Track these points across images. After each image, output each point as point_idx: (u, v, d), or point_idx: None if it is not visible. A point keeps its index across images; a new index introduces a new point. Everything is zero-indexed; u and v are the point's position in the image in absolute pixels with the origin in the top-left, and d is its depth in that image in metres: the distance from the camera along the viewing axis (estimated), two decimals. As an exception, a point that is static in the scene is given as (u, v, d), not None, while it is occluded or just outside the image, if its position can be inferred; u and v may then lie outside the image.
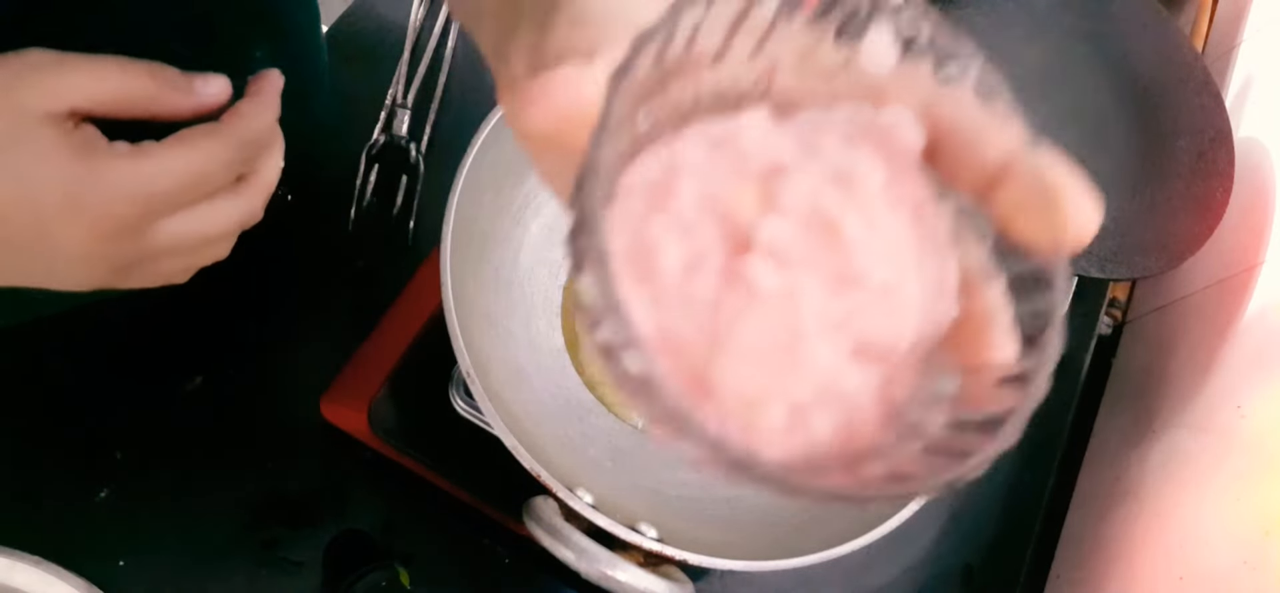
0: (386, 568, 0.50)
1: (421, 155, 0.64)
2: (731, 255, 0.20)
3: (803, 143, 0.21)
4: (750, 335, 0.19)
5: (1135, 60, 0.74)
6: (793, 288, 0.19)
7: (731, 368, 0.19)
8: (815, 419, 0.20)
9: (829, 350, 0.19)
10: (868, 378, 0.20)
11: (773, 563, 0.43)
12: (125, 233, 0.33)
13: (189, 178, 0.33)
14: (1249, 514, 0.51)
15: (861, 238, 0.20)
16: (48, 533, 0.45)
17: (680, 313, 0.19)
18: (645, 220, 0.20)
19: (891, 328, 0.20)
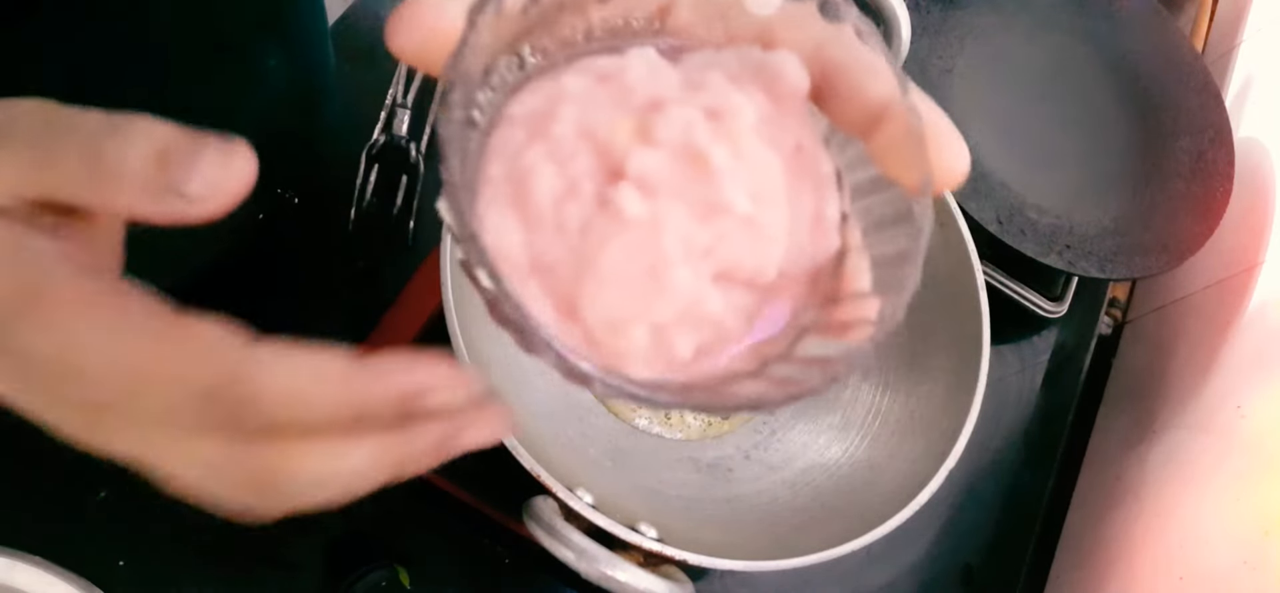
0: (386, 568, 0.50)
1: (421, 155, 0.64)
2: (605, 184, 0.20)
3: (687, 80, 0.22)
4: (615, 260, 0.20)
5: (1135, 60, 0.74)
6: (658, 215, 0.20)
7: (597, 291, 0.20)
8: (677, 340, 0.21)
9: (691, 275, 0.20)
10: (732, 301, 0.21)
11: (773, 563, 0.43)
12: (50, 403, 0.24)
13: (132, 384, 0.22)
14: (1249, 514, 0.51)
15: (728, 169, 0.21)
16: (48, 533, 0.45)
17: (552, 237, 0.20)
18: (524, 148, 0.21)
19: (756, 255, 0.21)
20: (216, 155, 0.22)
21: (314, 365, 0.21)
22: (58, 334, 0.22)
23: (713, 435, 0.55)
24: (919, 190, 0.22)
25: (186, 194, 0.21)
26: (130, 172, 0.21)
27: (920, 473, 0.47)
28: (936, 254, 0.55)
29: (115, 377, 0.22)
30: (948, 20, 0.71)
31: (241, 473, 0.22)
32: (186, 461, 0.22)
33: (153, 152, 0.21)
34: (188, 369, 0.21)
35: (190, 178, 0.21)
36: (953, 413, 0.49)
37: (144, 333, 0.22)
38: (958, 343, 0.52)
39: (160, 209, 0.22)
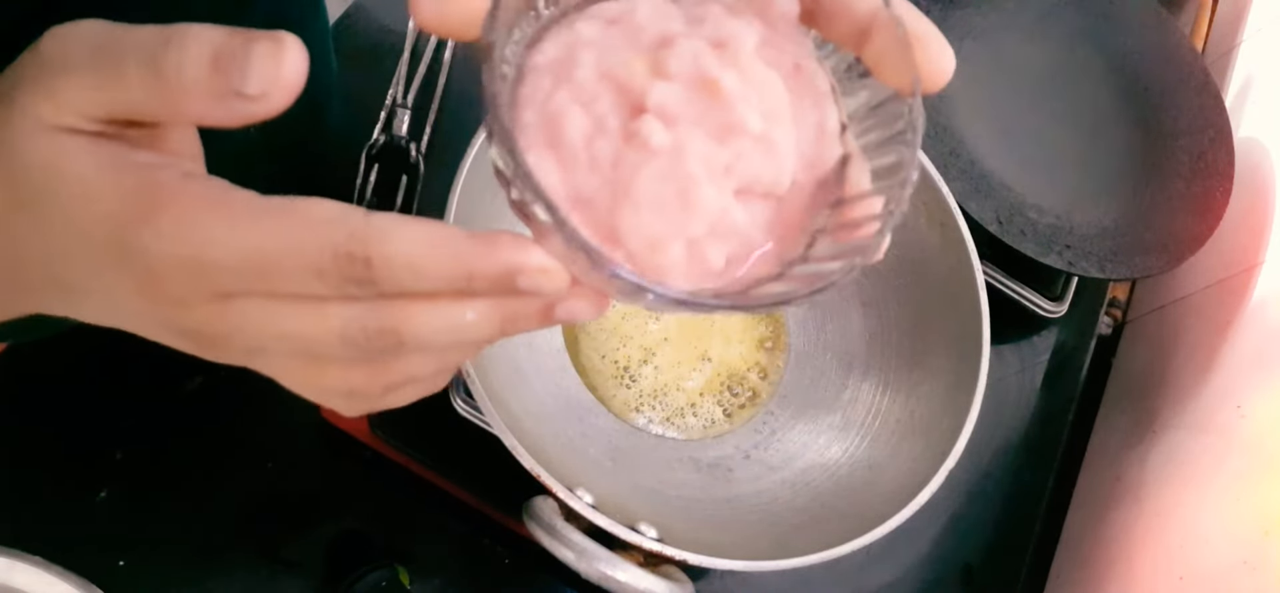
0: (386, 568, 0.50)
1: (421, 155, 0.64)
2: (628, 119, 0.23)
3: (689, 16, 0.24)
4: (647, 187, 0.22)
5: (1135, 60, 0.74)
6: (681, 142, 0.22)
7: (634, 216, 0.22)
8: (710, 251, 0.23)
9: (716, 192, 0.23)
10: (754, 212, 0.24)
11: (773, 563, 0.43)
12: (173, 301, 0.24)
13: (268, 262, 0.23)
14: (1249, 514, 0.51)
15: (739, 92, 0.23)
16: (48, 533, 0.45)
17: (587, 173, 0.22)
18: (551, 94, 0.23)
19: (771, 169, 0.23)
20: (268, 51, 0.22)
21: (428, 233, 0.22)
22: (183, 233, 0.23)
23: (713, 435, 0.55)
24: (910, 91, 0.24)
25: (246, 92, 0.22)
26: (188, 79, 0.22)
27: (920, 473, 0.47)
28: (936, 254, 0.55)
29: (245, 262, 0.23)
30: (948, 20, 0.71)
31: (371, 334, 0.23)
32: (316, 332, 0.23)
33: (206, 56, 0.22)
34: (313, 241, 0.22)
35: (247, 77, 0.22)
36: (953, 413, 0.49)
37: (264, 216, 0.23)
38: (958, 343, 0.52)
39: (224, 111, 0.23)
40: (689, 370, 0.56)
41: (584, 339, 0.56)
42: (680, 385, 0.56)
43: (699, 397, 0.56)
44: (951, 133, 0.67)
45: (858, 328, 0.58)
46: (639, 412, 0.55)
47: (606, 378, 0.55)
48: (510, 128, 0.21)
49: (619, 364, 0.56)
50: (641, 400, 0.55)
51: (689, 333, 0.57)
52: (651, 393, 0.55)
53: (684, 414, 0.55)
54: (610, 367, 0.55)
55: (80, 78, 0.23)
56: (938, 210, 0.55)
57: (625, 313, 0.57)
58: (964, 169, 0.65)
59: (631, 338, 0.56)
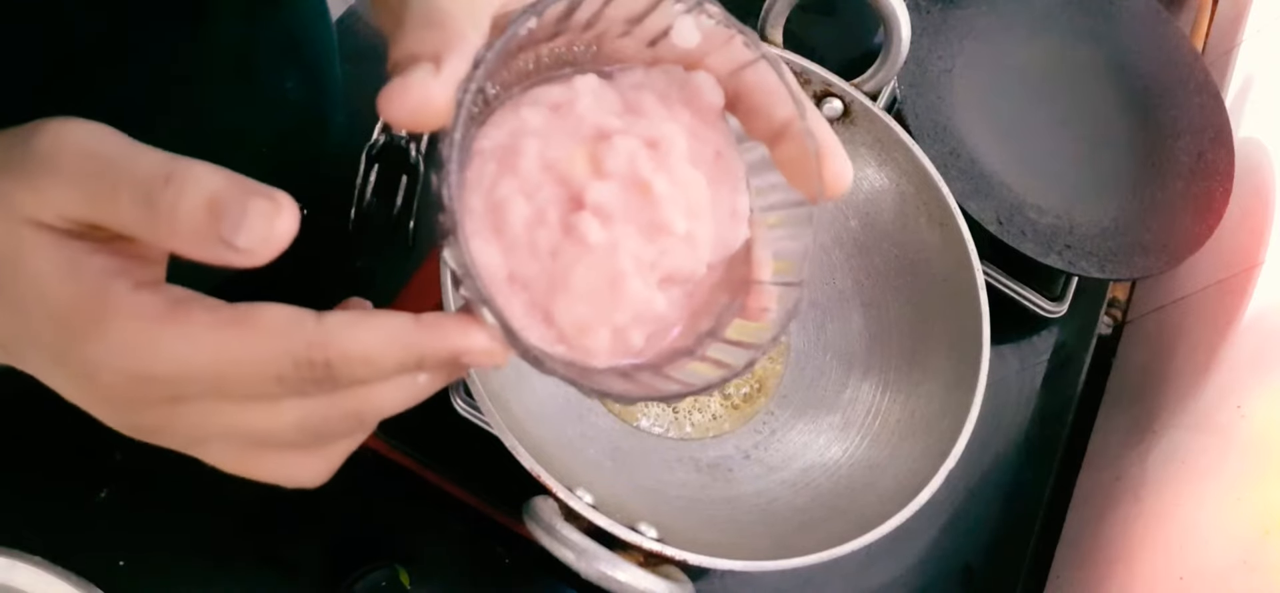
0: (386, 568, 0.50)
1: (421, 155, 0.64)
2: (568, 211, 0.25)
3: (626, 104, 0.26)
4: (581, 279, 0.24)
5: (1135, 60, 0.74)
6: (614, 240, 0.25)
7: (567, 303, 0.25)
8: (632, 335, 0.26)
9: (642, 285, 0.25)
10: (673, 297, 0.26)
11: (773, 563, 0.43)
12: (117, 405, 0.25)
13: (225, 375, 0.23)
14: (1249, 514, 0.51)
15: (668, 195, 0.25)
16: (48, 533, 0.45)
17: (527, 259, 0.25)
18: (497, 181, 0.25)
19: (691, 261, 0.26)
20: (264, 209, 0.23)
21: (381, 330, 0.23)
22: (130, 348, 0.23)
23: (713, 435, 0.55)
24: (813, 198, 0.27)
25: (235, 245, 0.23)
26: (182, 220, 0.22)
27: (920, 473, 0.47)
28: (936, 254, 0.55)
29: (199, 375, 0.23)
30: (948, 20, 0.71)
31: (333, 422, 0.25)
32: (272, 427, 0.24)
33: (204, 202, 0.22)
34: (271, 351, 0.23)
35: (239, 231, 0.22)
36: (953, 413, 0.49)
37: (218, 330, 0.23)
38: (958, 343, 0.52)
39: (207, 254, 0.23)
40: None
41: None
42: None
43: (699, 398, 0.56)
44: (951, 133, 0.67)
45: (858, 328, 0.58)
46: (644, 413, 0.55)
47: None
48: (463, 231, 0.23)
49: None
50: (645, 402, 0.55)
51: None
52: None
53: (684, 415, 0.55)
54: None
55: (70, 187, 0.23)
56: (938, 210, 0.55)
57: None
58: (964, 169, 0.65)
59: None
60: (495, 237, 0.25)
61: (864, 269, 0.58)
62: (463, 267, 0.23)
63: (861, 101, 0.56)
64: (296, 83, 0.56)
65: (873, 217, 0.58)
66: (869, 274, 0.58)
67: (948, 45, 0.71)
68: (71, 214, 0.23)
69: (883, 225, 0.58)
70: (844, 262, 0.59)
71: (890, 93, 0.66)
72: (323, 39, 0.60)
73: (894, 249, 0.57)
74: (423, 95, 0.24)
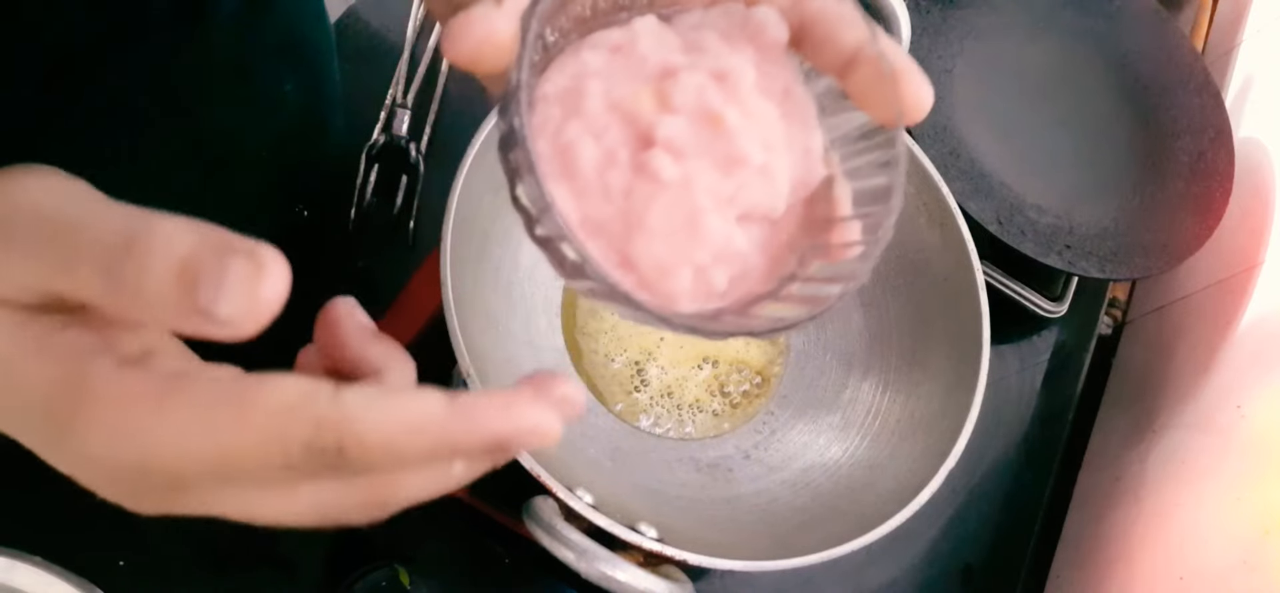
0: (386, 568, 0.50)
1: (421, 155, 0.64)
2: (638, 150, 0.24)
3: (688, 43, 0.25)
4: (658, 218, 0.23)
5: (1135, 60, 0.74)
6: (689, 175, 0.24)
7: (646, 245, 0.23)
8: (714, 275, 0.24)
9: (721, 221, 0.24)
10: (753, 236, 0.25)
11: (773, 563, 0.43)
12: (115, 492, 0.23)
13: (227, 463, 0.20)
14: (1249, 514, 0.51)
15: (741, 126, 0.24)
16: (48, 533, 0.45)
17: (600, 202, 0.23)
18: (563, 125, 0.24)
19: (769, 196, 0.25)
20: (245, 271, 0.19)
21: (408, 414, 0.20)
22: (121, 438, 0.20)
23: (713, 435, 0.55)
24: (893, 123, 0.25)
25: (216, 318, 0.19)
26: (150, 294, 0.19)
27: (920, 473, 0.47)
28: (936, 254, 0.55)
29: (195, 463, 0.20)
30: (948, 20, 0.71)
31: (349, 508, 0.22)
32: (286, 511, 0.22)
33: (173, 271, 0.19)
34: (274, 436, 0.20)
35: (218, 300, 0.19)
36: (953, 413, 0.49)
37: (212, 414, 0.20)
38: (958, 343, 0.52)
39: (186, 329, 0.20)
40: (690, 371, 0.56)
41: (584, 341, 0.56)
42: (681, 386, 0.56)
43: (700, 397, 0.56)
44: (951, 133, 0.67)
45: (858, 328, 0.58)
46: (644, 413, 0.55)
47: (609, 380, 0.55)
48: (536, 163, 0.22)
49: (621, 366, 0.56)
50: (645, 403, 0.55)
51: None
52: (654, 394, 0.55)
53: (684, 415, 0.55)
54: (611, 367, 0.55)
55: (26, 260, 0.20)
56: (938, 210, 0.55)
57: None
58: (964, 169, 0.65)
59: (631, 339, 0.56)
60: (565, 181, 0.23)
61: (864, 269, 0.58)
62: (539, 204, 0.22)
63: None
64: (295, 84, 0.56)
65: (873, 217, 0.58)
66: (869, 274, 0.58)
67: (948, 45, 0.71)
68: (32, 285, 0.20)
69: (883, 225, 0.58)
70: (844, 262, 0.59)
71: (890, 93, 0.66)
72: (321, 40, 0.60)
73: (894, 249, 0.57)
74: (486, 29, 0.23)
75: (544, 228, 0.22)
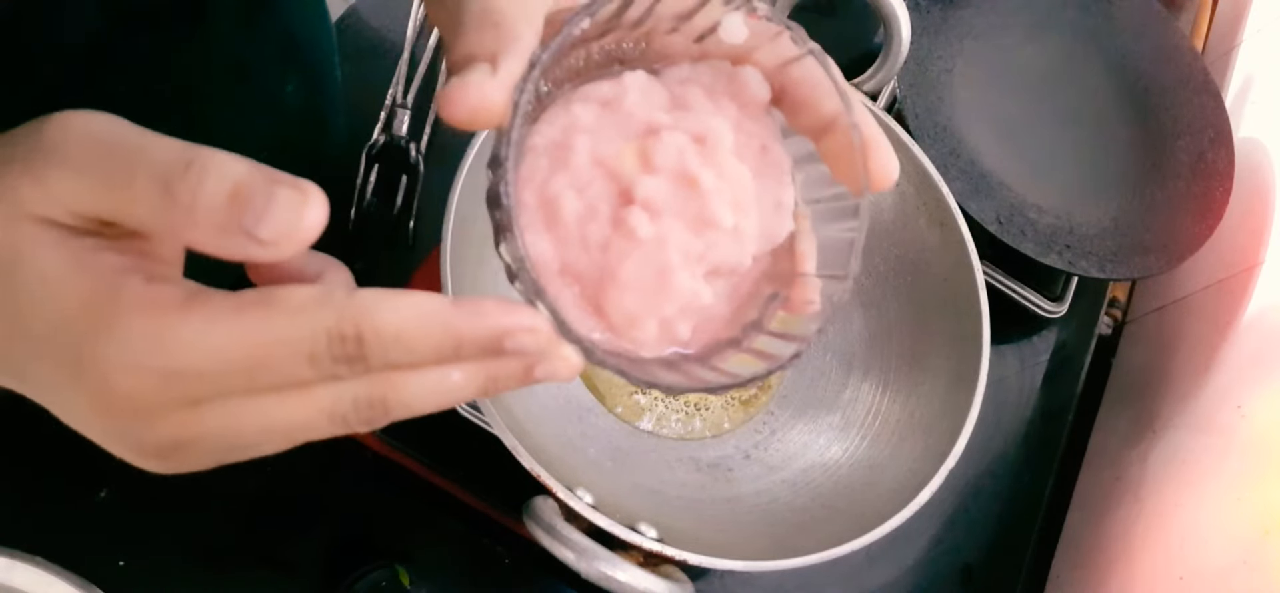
0: (386, 568, 0.50)
1: (421, 155, 0.64)
2: (618, 205, 0.26)
3: (674, 99, 0.27)
4: (631, 272, 0.25)
5: (1135, 60, 0.74)
6: (663, 234, 0.25)
7: (617, 297, 0.25)
8: (679, 327, 0.26)
9: (689, 278, 0.26)
10: (719, 288, 0.27)
11: (773, 563, 0.43)
12: (134, 416, 0.22)
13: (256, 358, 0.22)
14: (1249, 514, 0.51)
15: (715, 189, 0.26)
16: (48, 533, 0.45)
17: (578, 252, 0.25)
18: (549, 178, 0.25)
19: (736, 254, 0.27)
20: (290, 199, 0.21)
21: (416, 306, 0.22)
22: (153, 341, 0.21)
23: (712, 435, 0.55)
24: (858, 191, 0.27)
25: (257, 237, 0.21)
26: (202, 209, 0.21)
27: (920, 473, 0.47)
28: (936, 254, 0.55)
29: (229, 362, 0.22)
30: (948, 20, 0.71)
31: (360, 408, 0.23)
32: (303, 418, 0.23)
33: (227, 190, 0.21)
34: (303, 328, 0.22)
35: (262, 222, 0.21)
36: (953, 413, 0.49)
37: (244, 312, 0.22)
38: (958, 343, 0.52)
39: (228, 247, 0.21)
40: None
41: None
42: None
43: (700, 398, 0.56)
44: (951, 133, 0.67)
45: (858, 328, 0.58)
46: (645, 414, 0.55)
47: (609, 380, 0.55)
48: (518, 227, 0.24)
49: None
50: (646, 403, 0.55)
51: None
52: (655, 395, 0.55)
53: (685, 415, 0.55)
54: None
55: (80, 177, 0.22)
56: (938, 210, 0.55)
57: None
58: (964, 169, 0.65)
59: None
60: (548, 230, 0.25)
61: (864, 269, 0.58)
62: (517, 262, 0.24)
63: (862, 102, 0.56)
64: (296, 85, 0.56)
65: (873, 217, 0.58)
66: (869, 274, 0.58)
67: (948, 45, 0.71)
68: (81, 208, 0.22)
69: (883, 225, 0.58)
70: (844, 262, 0.59)
71: (890, 93, 0.66)
72: (322, 41, 0.60)
73: (894, 249, 0.57)
74: (480, 97, 0.24)
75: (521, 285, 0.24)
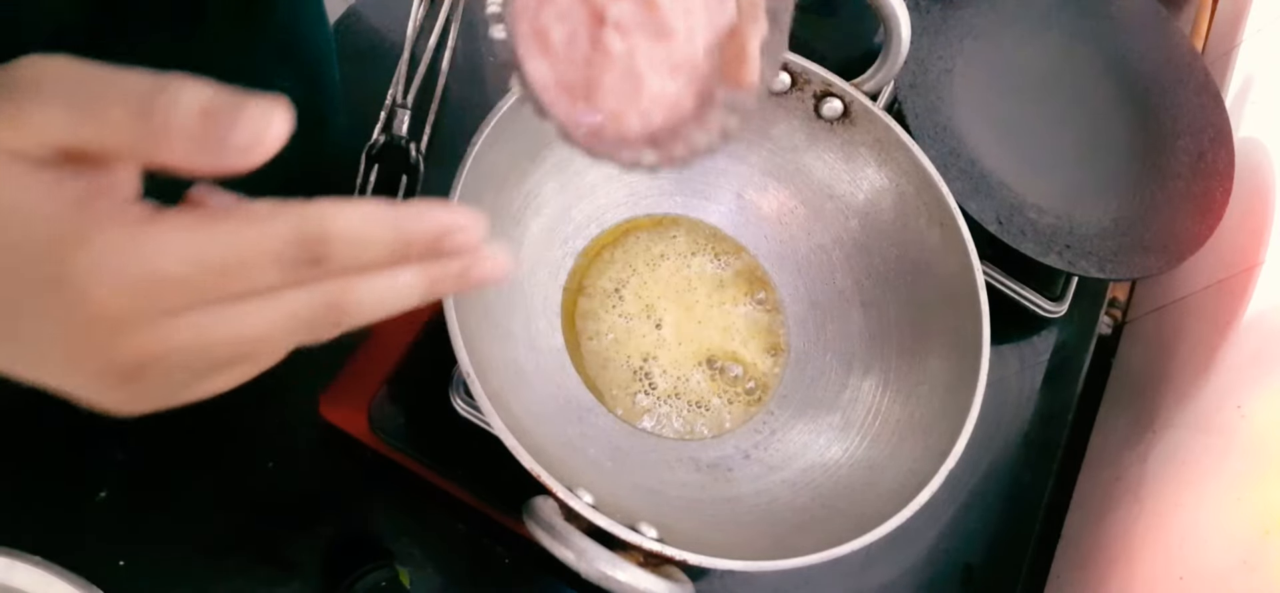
0: (386, 568, 0.50)
1: (421, 155, 0.64)
2: (594, 28, 0.32)
3: None
4: (610, 80, 0.32)
5: (1135, 60, 0.74)
6: (632, 47, 0.32)
7: (602, 98, 0.33)
8: (654, 114, 0.33)
9: (657, 77, 0.33)
10: (680, 81, 0.34)
11: (773, 563, 0.43)
12: (109, 330, 0.23)
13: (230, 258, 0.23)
14: (1249, 514, 0.51)
15: (668, 4, 0.32)
16: (48, 533, 0.45)
17: (567, 68, 0.32)
18: (537, 12, 0.32)
19: (690, 51, 0.33)
20: (258, 110, 0.23)
21: (364, 210, 0.25)
22: (129, 250, 0.23)
23: (713, 435, 0.55)
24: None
25: (232, 144, 0.23)
26: (178, 125, 0.23)
27: (920, 473, 0.47)
28: (936, 254, 0.55)
29: (205, 264, 0.23)
30: (948, 20, 0.71)
31: (319, 312, 0.25)
32: (269, 322, 0.25)
33: (199, 107, 0.23)
34: (271, 230, 0.23)
35: (234, 131, 0.23)
36: (953, 413, 0.49)
37: (210, 222, 0.23)
38: (958, 343, 0.52)
39: (205, 159, 0.23)
40: (691, 370, 0.56)
41: (584, 342, 0.56)
42: (682, 387, 0.56)
43: (700, 398, 0.56)
44: (951, 133, 0.67)
45: (858, 328, 0.58)
46: (646, 414, 0.55)
47: (609, 381, 0.55)
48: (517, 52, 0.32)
49: (622, 367, 0.56)
50: (646, 403, 0.55)
51: (687, 334, 0.57)
52: (655, 396, 0.55)
53: (685, 415, 0.55)
54: (611, 368, 0.55)
55: (55, 108, 0.23)
56: (938, 210, 0.55)
57: (626, 314, 0.57)
58: (964, 169, 0.65)
59: (630, 341, 0.56)
60: (542, 54, 0.32)
61: (864, 269, 0.58)
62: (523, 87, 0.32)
63: (861, 102, 0.56)
64: (293, 85, 0.56)
65: (873, 217, 0.58)
66: (869, 274, 0.58)
67: (948, 45, 0.71)
68: (55, 138, 0.23)
69: (883, 225, 0.58)
70: (844, 262, 0.59)
71: (890, 93, 0.66)
72: (320, 40, 0.60)
73: (894, 249, 0.57)
74: None
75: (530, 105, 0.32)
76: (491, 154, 0.49)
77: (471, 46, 0.72)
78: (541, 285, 0.56)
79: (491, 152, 0.48)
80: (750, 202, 0.60)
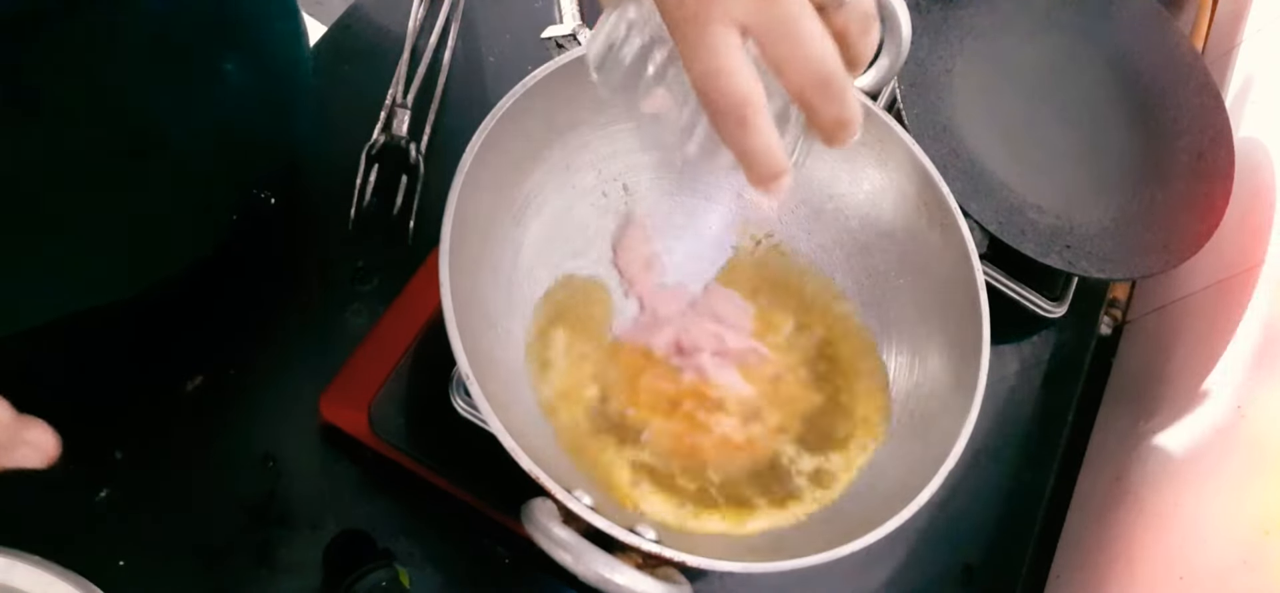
0: (386, 568, 0.50)
1: (421, 155, 0.64)
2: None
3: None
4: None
5: (1135, 60, 0.74)
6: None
7: None
8: None
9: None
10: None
11: (772, 563, 0.43)
12: None
13: None
14: (1249, 514, 0.51)
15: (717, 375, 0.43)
16: (48, 533, 0.45)
17: None
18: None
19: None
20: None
21: None
22: None
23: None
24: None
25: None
26: None
27: (920, 473, 0.47)
28: (936, 254, 0.55)
29: None
30: (948, 20, 0.71)
31: None
32: None
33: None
34: None
35: None
36: (953, 413, 0.49)
37: None
38: (958, 343, 0.52)
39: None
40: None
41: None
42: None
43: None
44: (951, 133, 0.67)
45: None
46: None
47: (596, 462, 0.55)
48: None
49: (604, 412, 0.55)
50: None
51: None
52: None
53: (684, 414, 0.55)
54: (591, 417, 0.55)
55: None
56: (938, 210, 0.54)
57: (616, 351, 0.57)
58: (964, 169, 0.65)
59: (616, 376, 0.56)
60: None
61: (864, 269, 0.58)
62: None
63: (861, 101, 0.56)
64: (237, 63, 0.54)
65: (873, 217, 0.58)
66: (869, 274, 0.58)
67: (948, 45, 0.71)
68: None
69: (883, 225, 0.58)
70: (844, 262, 0.59)
71: (890, 93, 0.66)
72: (273, 19, 0.58)
73: (894, 249, 0.57)
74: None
75: None
76: (491, 154, 0.48)
77: (471, 46, 0.72)
78: (541, 285, 0.56)
79: (491, 151, 0.48)
80: (750, 202, 0.60)
